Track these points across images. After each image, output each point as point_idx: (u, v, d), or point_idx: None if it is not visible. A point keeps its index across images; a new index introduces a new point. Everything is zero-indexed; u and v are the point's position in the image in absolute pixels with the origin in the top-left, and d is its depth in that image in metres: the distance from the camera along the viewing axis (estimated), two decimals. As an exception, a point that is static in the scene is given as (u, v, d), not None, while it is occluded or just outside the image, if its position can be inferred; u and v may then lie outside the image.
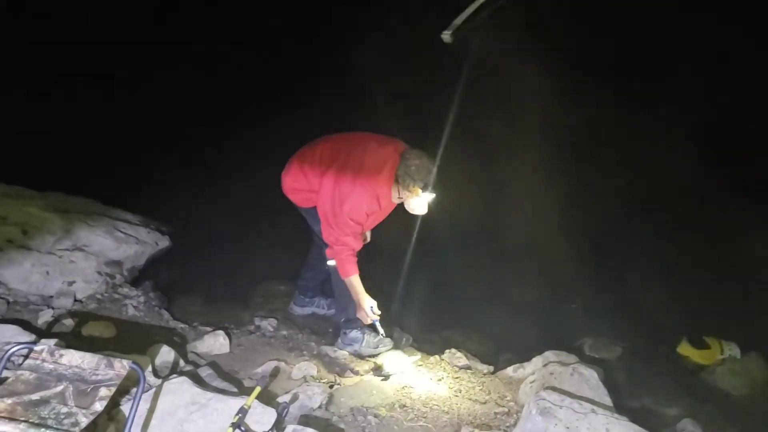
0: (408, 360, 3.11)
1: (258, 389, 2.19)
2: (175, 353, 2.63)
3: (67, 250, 3.22)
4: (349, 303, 3.18)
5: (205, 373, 2.56)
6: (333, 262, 3.12)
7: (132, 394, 2.16)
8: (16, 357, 2.15)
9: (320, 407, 2.48)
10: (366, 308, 3.07)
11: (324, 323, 3.68)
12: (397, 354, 3.18)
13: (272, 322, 3.47)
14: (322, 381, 2.77)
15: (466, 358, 3.29)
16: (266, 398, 2.35)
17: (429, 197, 2.93)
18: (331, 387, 2.72)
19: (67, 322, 2.74)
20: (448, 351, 3.36)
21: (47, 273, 3.06)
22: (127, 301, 3.17)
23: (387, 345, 3.25)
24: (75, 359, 2.00)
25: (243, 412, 2.05)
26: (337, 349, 3.24)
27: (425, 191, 2.89)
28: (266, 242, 4.49)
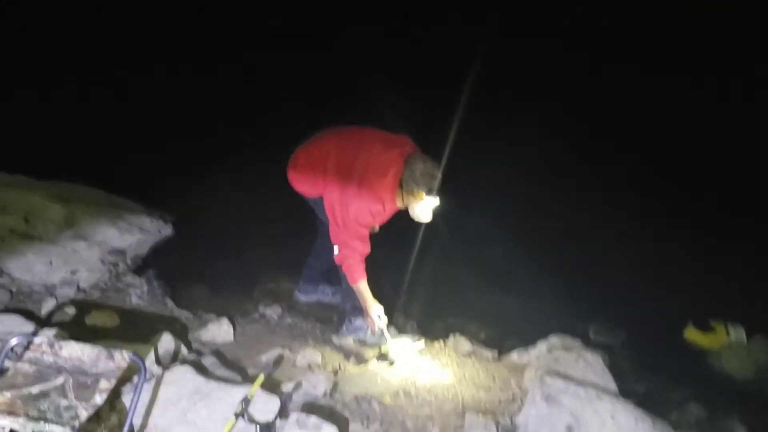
0: (412, 347, 3.11)
1: (261, 377, 2.19)
2: (179, 342, 2.61)
3: (70, 239, 3.21)
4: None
5: (208, 361, 2.56)
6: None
7: (134, 384, 2.16)
8: (16, 348, 2.14)
9: (325, 395, 2.47)
10: (373, 315, 3.07)
11: (329, 311, 3.67)
12: (401, 341, 3.17)
13: (277, 309, 3.47)
14: (326, 369, 2.77)
15: (471, 344, 3.28)
16: (271, 386, 2.35)
17: (433, 202, 2.92)
18: (336, 374, 2.72)
19: (70, 312, 2.74)
20: (452, 336, 3.36)
21: (50, 262, 3.05)
22: (130, 290, 3.16)
23: (392, 333, 3.24)
24: (75, 351, 1.99)
25: (246, 401, 2.05)
26: (341, 337, 3.24)
27: (430, 195, 2.88)
28: (270, 230, 4.48)
